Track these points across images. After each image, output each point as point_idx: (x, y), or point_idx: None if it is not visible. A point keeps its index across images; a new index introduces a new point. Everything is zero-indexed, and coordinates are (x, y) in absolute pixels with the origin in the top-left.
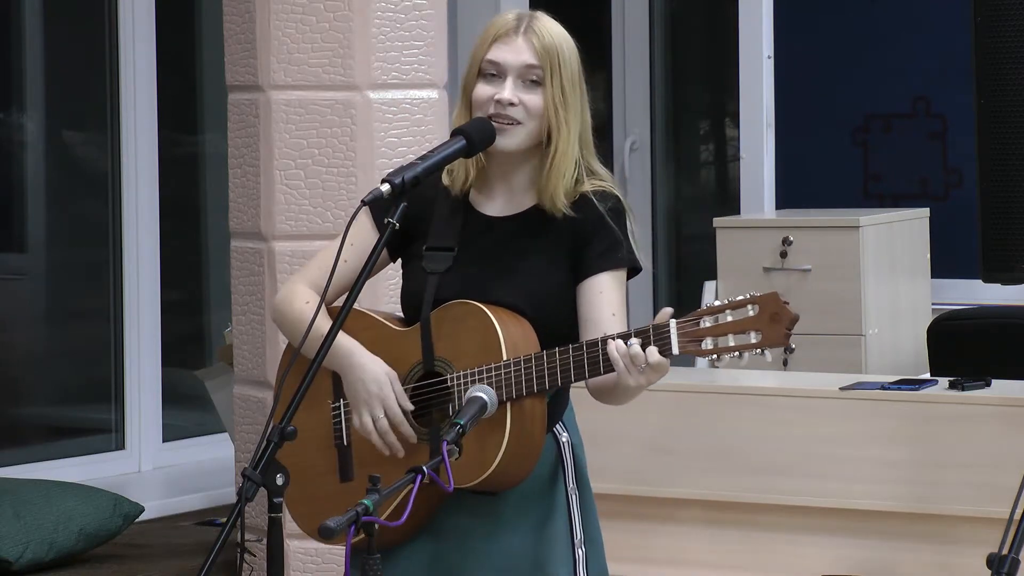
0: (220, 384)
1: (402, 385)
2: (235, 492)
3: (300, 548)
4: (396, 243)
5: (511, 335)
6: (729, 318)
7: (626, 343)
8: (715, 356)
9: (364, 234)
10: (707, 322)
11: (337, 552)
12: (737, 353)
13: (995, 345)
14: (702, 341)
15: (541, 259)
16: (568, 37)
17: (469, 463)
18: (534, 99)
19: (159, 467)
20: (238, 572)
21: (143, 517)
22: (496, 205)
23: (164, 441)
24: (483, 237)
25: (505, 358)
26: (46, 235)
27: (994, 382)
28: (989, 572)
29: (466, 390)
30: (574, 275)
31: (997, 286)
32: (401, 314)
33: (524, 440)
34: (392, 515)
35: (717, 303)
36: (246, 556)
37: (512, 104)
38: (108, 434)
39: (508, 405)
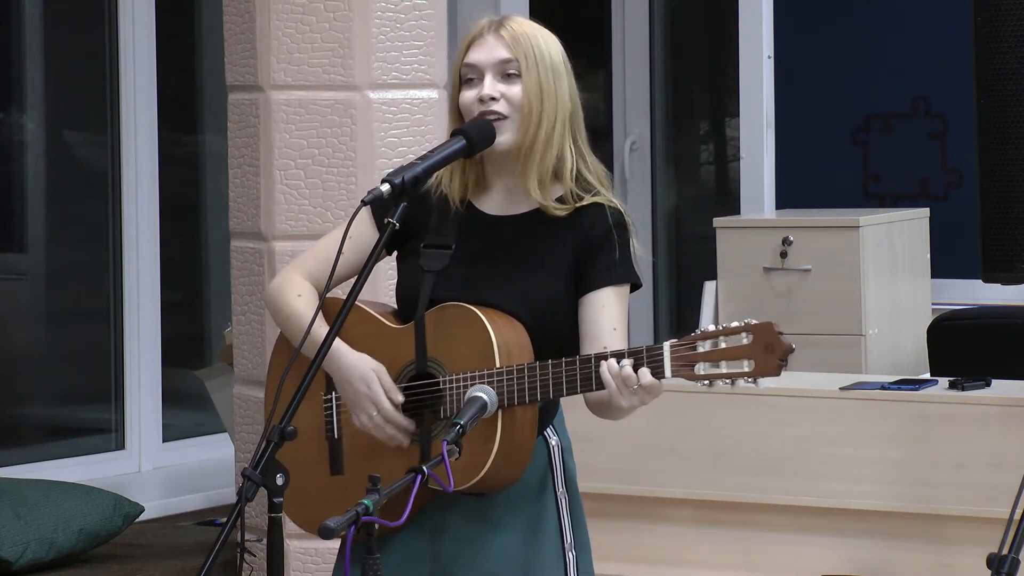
0: (220, 384)
1: (394, 383)
2: (235, 492)
3: (300, 548)
4: (393, 238)
5: (505, 341)
6: (723, 344)
7: (619, 363)
8: (707, 381)
9: (363, 229)
10: (703, 347)
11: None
12: (729, 380)
13: (995, 345)
14: (695, 365)
15: (542, 265)
16: (544, 30)
17: (460, 467)
18: (515, 90)
19: (159, 467)
20: (238, 572)
21: (143, 517)
22: (497, 204)
23: (164, 441)
24: (483, 236)
25: (498, 365)
26: (46, 235)
27: (994, 382)
28: (989, 572)
29: (457, 393)
30: (576, 286)
31: (997, 286)
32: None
33: (514, 446)
34: (390, 514)
35: (712, 328)
36: (246, 556)
37: (494, 99)
38: (108, 434)
39: (499, 413)
